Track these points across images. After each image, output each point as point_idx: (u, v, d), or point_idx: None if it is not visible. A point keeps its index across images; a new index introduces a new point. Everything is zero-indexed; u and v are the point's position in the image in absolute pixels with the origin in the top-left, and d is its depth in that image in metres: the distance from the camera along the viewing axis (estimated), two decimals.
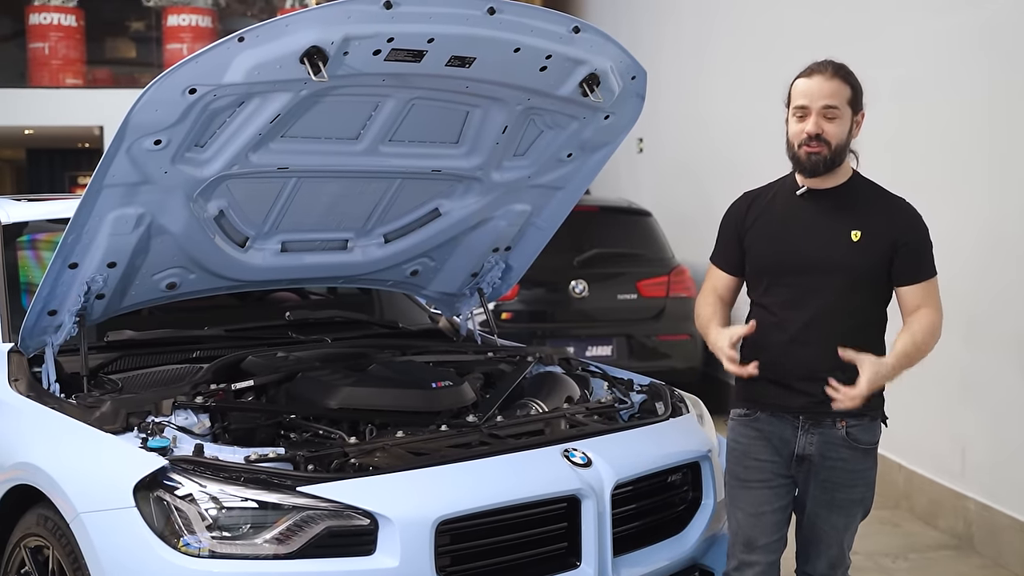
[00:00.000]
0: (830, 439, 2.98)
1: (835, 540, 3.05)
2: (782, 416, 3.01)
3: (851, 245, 2.95)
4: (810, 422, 2.98)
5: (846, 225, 2.97)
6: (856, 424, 2.98)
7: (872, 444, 3.02)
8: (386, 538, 2.70)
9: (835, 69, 2.98)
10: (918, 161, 5.46)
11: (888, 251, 2.95)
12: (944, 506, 5.21)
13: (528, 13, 3.13)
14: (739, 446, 3.09)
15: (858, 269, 2.95)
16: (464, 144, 3.55)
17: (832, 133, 2.94)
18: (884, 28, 5.81)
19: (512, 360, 3.94)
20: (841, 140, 2.95)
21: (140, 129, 2.88)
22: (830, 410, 2.91)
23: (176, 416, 3.06)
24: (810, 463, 3.00)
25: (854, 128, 2.99)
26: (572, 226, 4.19)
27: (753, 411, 3.06)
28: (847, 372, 2.88)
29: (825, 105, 2.93)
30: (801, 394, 2.98)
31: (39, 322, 3.25)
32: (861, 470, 3.01)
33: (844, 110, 2.95)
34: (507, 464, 2.99)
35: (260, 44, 2.81)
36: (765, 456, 3.04)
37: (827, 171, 2.98)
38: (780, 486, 3.04)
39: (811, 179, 3.01)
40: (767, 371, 2.98)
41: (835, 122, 2.94)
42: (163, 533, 2.66)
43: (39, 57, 14.23)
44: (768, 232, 3.07)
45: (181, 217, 3.27)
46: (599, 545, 2.97)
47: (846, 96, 2.96)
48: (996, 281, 4.85)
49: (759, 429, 3.05)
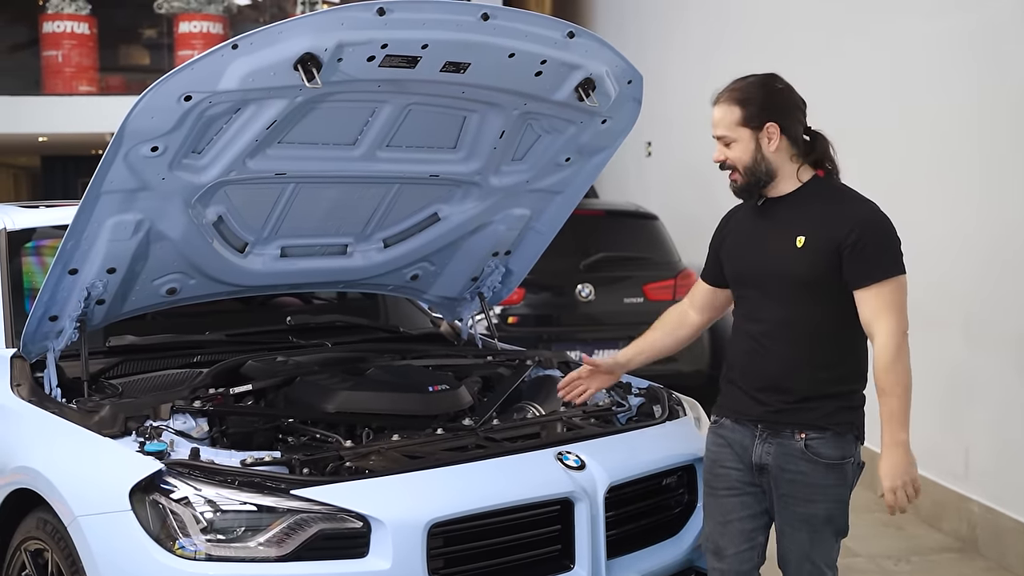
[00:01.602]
0: (788, 451, 2.88)
1: (805, 556, 2.92)
2: (744, 423, 2.97)
3: (795, 252, 2.86)
4: (768, 431, 2.91)
5: (792, 232, 2.88)
6: (817, 437, 2.86)
7: (837, 460, 2.87)
8: (379, 540, 2.72)
9: (726, 94, 2.94)
10: (913, 162, 5.45)
11: (833, 254, 2.82)
12: (947, 508, 5.20)
13: (522, 19, 3.15)
14: (710, 454, 3.08)
15: (803, 276, 2.85)
16: (462, 149, 3.57)
17: (734, 157, 2.92)
18: (890, 31, 5.81)
19: (511, 364, 3.96)
20: (747, 161, 2.90)
21: (137, 136, 2.91)
22: (788, 420, 2.87)
23: (174, 420, 3.08)
24: (770, 475, 2.93)
25: (766, 142, 2.89)
26: (578, 230, 4.19)
27: (720, 417, 3.05)
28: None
29: (717, 135, 2.95)
30: (759, 403, 2.93)
31: (40, 327, 3.28)
32: (823, 486, 2.87)
33: (738, 131, 2.90)
34: (500, 467, 3.00)
35: (254, 51, 2.84)
36: (730, 464, 3.00)
37: (751, 193, 2.95)
38: (748, 495, 2.98)
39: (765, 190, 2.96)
40: (736, 378, 3.00)
41: (732, 146, 2.92)
42: (159, 536, 2.69)
43: (53, 65, 14.32)
44: (733, 244, 3.07)
45: (180, 223, 3.30)
46: (592, 547, 2.99)
47: (734, 119, 2.90)
48: (997, 281, 4.85)
49: (724, 436, 3.03)
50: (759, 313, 2.95)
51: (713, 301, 3.23)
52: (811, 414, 2.86)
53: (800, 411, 2.87)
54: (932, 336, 5.25)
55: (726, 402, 3.05)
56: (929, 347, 5.32)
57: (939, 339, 5.18)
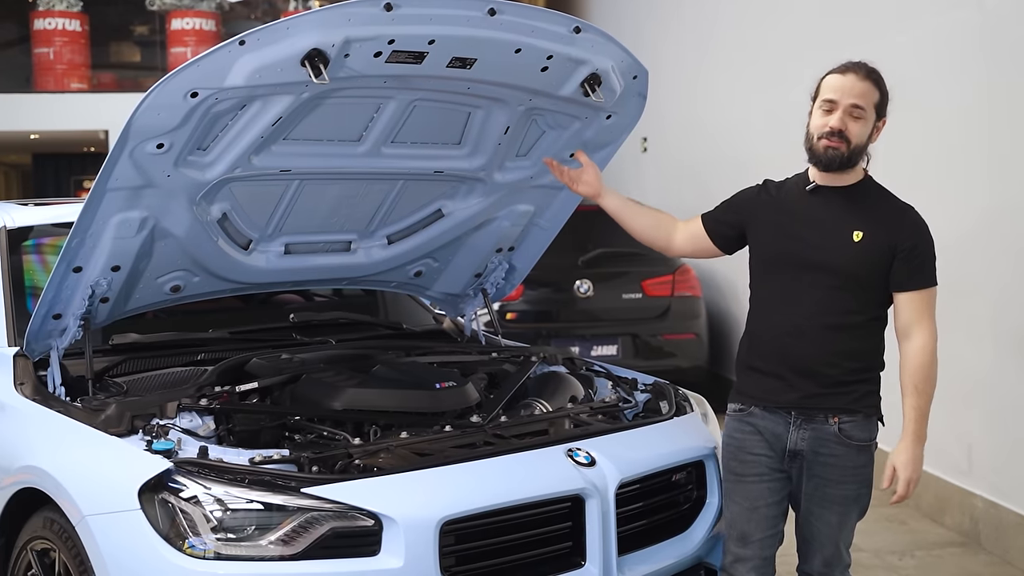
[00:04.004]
0: (822, 435, 2.99)
1: (829, 538, 3.05)
2: (775, 411, 3.03)
3: (852, 245, 2.97)
4: (802, 417, 3.00)
5: (849, 225, 2.99)
6: (849, 421, 2.98)
7: (866, 441, 3.01)
8: (391, 539, 2.71)
9: (868, 71, 3.00)
10: (919, 160, 5.45)
11: (887, 255, 2.96)
12: (951, 503, 5.21)
13: (529, 14, 3.13)
14: (734, 441, 3.11)
15: (855, 269, 2.97)
16: (466, 145, 3.56)
17: (854, 132, 2.97)
18: (886, 28, 5.80)
19: (516, 360, 3.95)
20: (861, 141, 2.99)
21: (143, 133, 2.89)
22: (822, 405, 2.97)
23: (181, 419, 3.06)
24: (803, 459, 3.02)
25: (874, 133, 3.02)
26: (576, 226, 4.19)
27: (747, 406, 3.08)
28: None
29: (853, 104, 2.96)
30: (793, 388, 2.99)
31: (44, 326, 3.26)
32: (854, 467, 3.00)
33: (870, 112, 2.98)
34: (511, 464, 2.99)
35: (261, 47, 2.82)
36: (759, 451, 3.05)
37: (841, 168, 3.01)
38: (775, 480, 3.06)
39: (823, 175, 3.04)
40: (762, 362, 3.04)
41: (859, 122, 2.97)
42: (168, 535, 2.67)
43: (44, 62, 14.29)
44: (773, 223, 3.10)
45: (184, 220, 3.28)
46: (603, 544, 2.98)
47: (874, 99, 2.99)
48: (999, 278, 4.85)
49: (752, 424, 3.07)
50: (799, 296, 3.00)
51: (702, 247, 3.29)
52: (843, 398, 2.97)
53: (833, 396, 2.97)
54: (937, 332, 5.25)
55: (751, 390, 3.08)
56: None
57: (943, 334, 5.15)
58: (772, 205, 3.13)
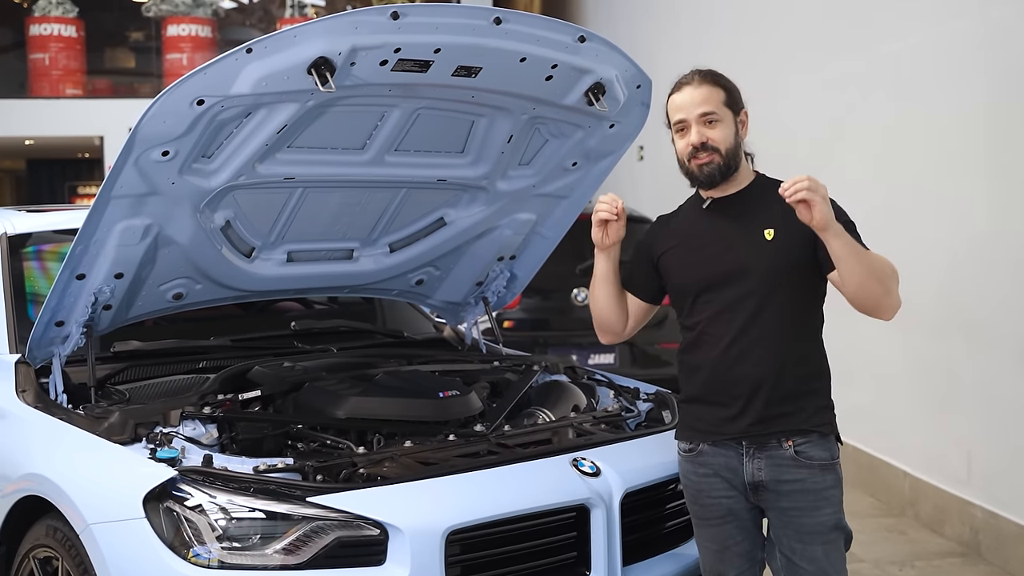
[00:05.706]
0: (779, 461, 2.76)
1: (819, 573, 2.77)
2: (724, 443, 2.82)
3: (766, 245, 2.79)
4: (754, 446, 2.78)
5: (757, 226, 2.81)
6: (804, 441, 2.76)
7: (828, 461, 2.78)
8: (396, 548, 2.71)
9: (702, 76, 2.88)
10: (919, 168, 5.47)
11: (807, 241, 2.74)
12: (950, 513, 5.21)
13: (534, 23, 3.14)
14: (691, 484, 2.90)
15: (778, 266, 2.78)
16: (469, 153, 3.56)
17: (718, 138, 2.82)
18: (884, 32, 5.82)
19: (518, 369, 3.95)
20: (729, 143, 2.82)
21: (148, 140, 2.89)
22: (772, 429, 2.76)
23: (184, 426, 3.06)
24: (767, 491, 2.79)
25: (740, 129, 2.87)
26: (574, 234, 4.18)
27: (695, 443, 2.87)
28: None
29: (701, 113, 2.82)
30: (741, 414, 2.77)
31: (46, 333, 3.25)
32: (823, 489, 2.76)
33: (723, 112, 2.84)
34: (516, 473, 2.99)
35: (268, 55, 2.82)
36: (718, 493, 2.84)
37: (724, 179, 2.85)
38: (741, 519, 2.85)
39: (713, 190, 2.89)
40: (704, 393, 2.85)
41: (717, 126, 2.83)
42: (173, 544, 2.67)
43: (39, 68, 14.27)
44: (682, 251, 2.93)
45: (188, 228, 3.27)
46: (608, 554, 2.98)
47: (720, 98, 2.84)
48: (998, 286, 4.86)
49: (705, 464, 2.85)
50: (730, 315, 2.81)
51: (638, 311, 3.09)
52: (794, 418, 2.76)
53: (782, 417, 2.76)
54: (935, 340, 5.27)
55: (697, 425, 2.88)
56: (932, 351, 5.34)
57: (942, 343, 5.20)
58: (672, 234, 2.97)
